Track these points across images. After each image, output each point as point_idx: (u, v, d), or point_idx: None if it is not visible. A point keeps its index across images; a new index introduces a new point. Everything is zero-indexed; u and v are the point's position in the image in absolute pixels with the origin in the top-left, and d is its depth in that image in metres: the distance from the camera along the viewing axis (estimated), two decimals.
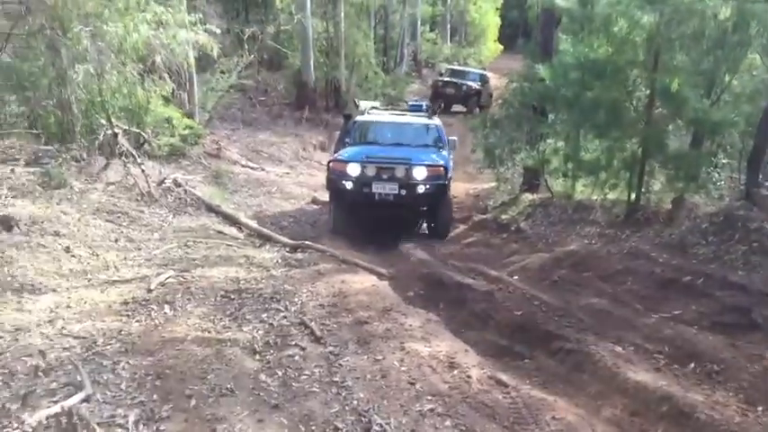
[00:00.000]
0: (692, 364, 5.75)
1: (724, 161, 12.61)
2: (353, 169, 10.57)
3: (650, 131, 9.30)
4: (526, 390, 5.25)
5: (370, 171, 10.55)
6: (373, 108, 13.10)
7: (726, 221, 8.01)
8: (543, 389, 5.52)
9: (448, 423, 4.51)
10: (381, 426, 4.42)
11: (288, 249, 9.54)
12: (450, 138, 12.05)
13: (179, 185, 11.35)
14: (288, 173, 16.18)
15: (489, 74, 29.95)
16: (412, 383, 5.03)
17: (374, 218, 11.21)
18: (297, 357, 5.46)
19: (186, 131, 13.19)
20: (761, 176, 11.98)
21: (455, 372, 5.30)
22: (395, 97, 24.91)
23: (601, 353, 5.93)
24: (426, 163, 10.78)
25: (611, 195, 10.54)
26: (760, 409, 5.01)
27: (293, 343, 5.77)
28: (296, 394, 4.77)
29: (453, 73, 28.86)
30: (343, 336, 6.03)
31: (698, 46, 8.28)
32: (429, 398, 4.83)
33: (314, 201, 14.08)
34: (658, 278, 7.60)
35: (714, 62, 8.84)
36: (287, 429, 4.23)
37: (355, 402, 4.72)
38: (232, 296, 6.92)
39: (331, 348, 5.71)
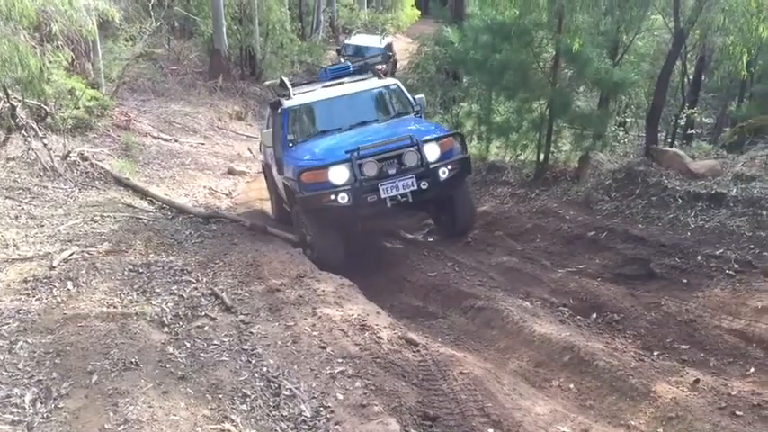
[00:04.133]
0: (594, 315, 6.00)
1: (629, 120, 13.10)
2: (340, 174, 7.37)
3: (557, 92, 9.50)
4: (436, 348, 5.35)
5: (370, 169, 7.37)
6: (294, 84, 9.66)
7: (627, 177, 8.30)
8: (453, 346, 5.66)
9: (358, 384, 4.55)
10: (291, 390, 4.44)
11: (201, 221, 9.34)
12: (416, 96, 9.22)
13: (85, 159, 10.91)
14: (203, 144, 15.79)
15: (406, 40, 29.76)
16: (323, 347, 5.05)
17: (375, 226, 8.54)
18: (206, 328, 5.40)
19: (91, 103, 12.62)
20: (665, 133, 12.51)
21: (366, 334, 5.34)
22: (312, 64, 24.60)
23: (509, 308, 6.11)
24: (434, 136, 7.91)
25: (522, 156, 10.74)
26: (656, 353, 5.28)
27: (203, 314, 5.70)
28: (204, 364, 4.72)
29: (352, 51, 24.16)
30: (254, 304, 5.99)
31: (597, 6, 8.46)
32: (339, 360, 4.86)
33: (230, 171, 13.83)
34: (565, 234, 7.85)
35: (614, 22, 9.07)
36: (193, 399, 4.18)
37: (265, 369, 4.72)
38: (141, 270, 6.75)
39: (242, 317, 5.67)
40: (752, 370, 4.78)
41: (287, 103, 8.74)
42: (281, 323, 5.52)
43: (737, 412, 4.27)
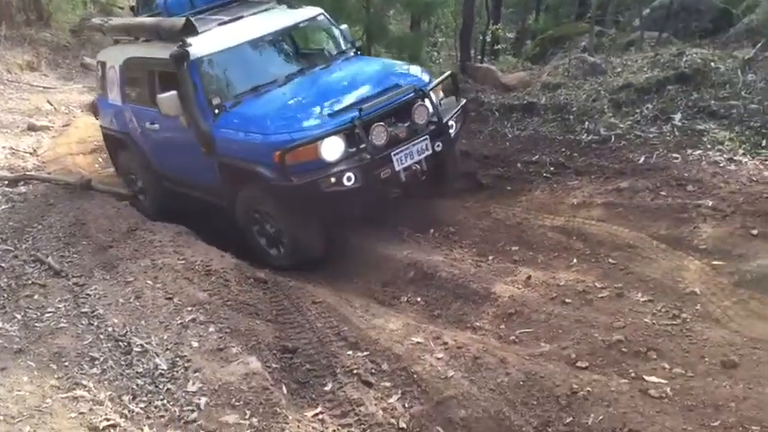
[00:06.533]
0: (432, 230, 6.24)
1: (441, 40, 13.53)
2: (335, 148, 5.60)
3: (372, 17, 9.55)
4: (286, 282, 5.39)
5: (379, 135, 5.67)
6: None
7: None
8: (304, 280, 5.66)
9: (211, 329, 4.48)
10: (142, 346, 4.28)
11: (6, 184, 8.49)
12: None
13: None
14: None
15: None
16: (169, 298, 4.88)
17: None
18: (37, 296, 5.04)
19: None
20: (474, 50, 13.07)
21: (213, 278, 5.23)
22: (107, 4, 22.72)
23: (352, 235, 6.20)
24: (435, 81, 6.38)
25: None
26: (490, 258, 5.62)
27: (30, 282, 5.32)
28: (41, 334, 4.42)
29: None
30: (86, 264, 5.65)
31: None
32: (189, 309, 4.73)
33: (31, 128, 12.62)
34: None
35: None
36: (36, 372, 3.91)
37: (110, 329, 4.49)
38: None
39: (75, 280, 5.34)
40: (575, 261, 5.25)
41: (196, 51, 6.26)
42: (120, 280, 5.25)
43: (567, 300, 4.70)
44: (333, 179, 5.52)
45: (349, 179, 5.54)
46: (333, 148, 5.58)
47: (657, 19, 10.61)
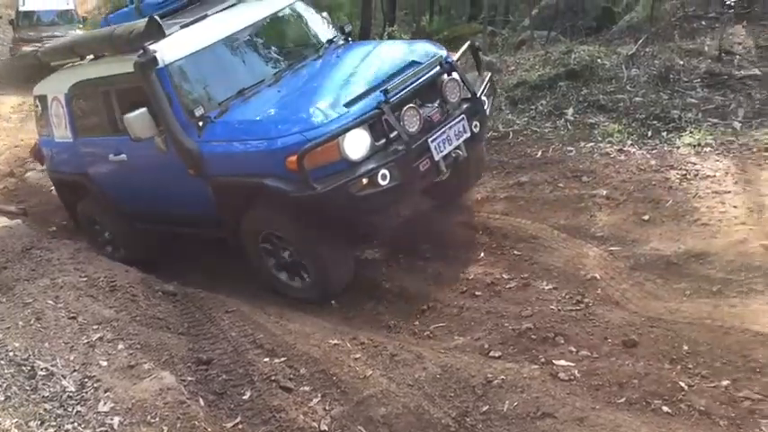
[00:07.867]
0: None
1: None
2: (360, 142, 4.64)
3: None
4: (196, 294, 5.29)
5: (411, 120, 4.75)
6: None
7: None
8: (212, 290, 5.54)
9: (121, 346, 4.34)
10: (47, 369, 4.08)
11: None
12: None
13: None
14: None
15: None
16: (73, 317, 4.68)
17: None
18: None
19: None
20: None
21: (119, 294, 5.08)
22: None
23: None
24: (440, 50, 5.55)
25: None
26: (400, 256, 5.68)
27: None
28: None
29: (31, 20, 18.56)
30: None
31: None
32: (95, 327, 4.56)
33: None
34: None
35: None
36: None
37: (11, 353, 4.24)
38: None
39: None
40: (482, 254, 5.40)
41: (164, 56, 5.26)
42: (18, 302, 4.99)
43: (477, 293, 4.86)
44: (365, 180, 4.58)
45: (384, 177, 4.60)
46: (358, 143, 4.64)
47: (546, 18, 11.09)
